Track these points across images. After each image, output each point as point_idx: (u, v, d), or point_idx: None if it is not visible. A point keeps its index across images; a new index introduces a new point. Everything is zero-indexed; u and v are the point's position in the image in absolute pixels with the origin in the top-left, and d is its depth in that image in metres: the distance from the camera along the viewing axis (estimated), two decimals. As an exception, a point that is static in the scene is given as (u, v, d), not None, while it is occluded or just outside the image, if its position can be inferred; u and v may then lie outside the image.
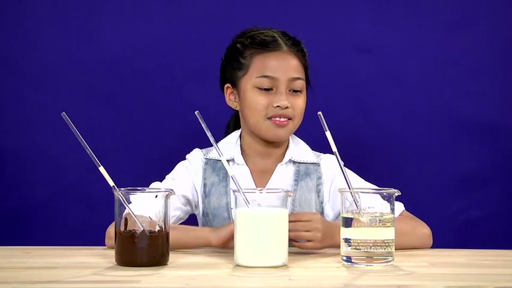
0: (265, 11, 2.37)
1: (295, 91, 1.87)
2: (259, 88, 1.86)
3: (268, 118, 1.86)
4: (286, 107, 1.85)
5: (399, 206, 1.84)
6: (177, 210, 1.88)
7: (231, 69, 1.92)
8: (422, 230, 1.81)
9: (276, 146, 1.92)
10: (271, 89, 1.86)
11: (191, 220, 1.95)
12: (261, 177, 1.91)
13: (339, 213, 1.61)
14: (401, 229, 1.71)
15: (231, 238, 1.61)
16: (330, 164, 1.92)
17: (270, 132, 1.88)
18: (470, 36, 2.38)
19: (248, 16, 2.33)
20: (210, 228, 1.73)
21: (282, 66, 1.87)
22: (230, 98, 1.94)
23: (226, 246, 1.65)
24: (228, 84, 1.94)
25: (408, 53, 2.39)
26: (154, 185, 1.89)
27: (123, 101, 2.39)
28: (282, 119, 1.85)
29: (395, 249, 1.54)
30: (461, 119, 2.38)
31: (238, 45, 1.91)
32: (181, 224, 1.91)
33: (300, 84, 1.88)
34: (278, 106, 1.84)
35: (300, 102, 1.88)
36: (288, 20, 2.33)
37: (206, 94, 2.22)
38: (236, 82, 1.91)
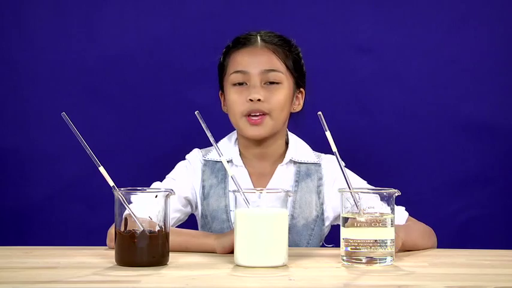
0: (265, 11, 2.37)
1: (271, 83, 1.86)
2: (234, 84, 1.86)
3: (245, 115, 1.85)
4: (258, 99, 1.83)
5: (404, 212, 1.84)
6: (177, 212, 1.88)
7: (220, 75, 1.94)
8: (435, 236, 1.84)
9: (267, 146, 1.90)
10: (245, 84, 1.86)
11: (191, 220, 1.95)
12: (260, 179, 1.90)
13: (339, 215, 1.61)
14: (422, 229, 1.81)
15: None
16: (330, 164, 1.92)
17: (247, 131, 1.86)
18: (470, 36, 2.38)
19: (248, 16, 2.34)
20: (214, 236, 1.69)
21: (254, 60, 1.86)
22: (224, 104, 1.94)
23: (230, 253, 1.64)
24: (220, 91, 1.94)
25: (408, 53, 2.39)
26: (155, 185, 1.88)
27: (123, 101, 2.39)
28: (255, 117, 1.84)
29: (415, 250, 1.70)
30: (461, 119, 2.38)
31: (224, 50, 1.93)
32: (181, 225, 1.91)
33: (277, 76, 1.86)
34: (250, 100, 1.84)
35: (277, 95, 1.85)
36: (287, 20, 2.33)
37: (206, 94, 2.22)
38: (223, 86, 1.92)
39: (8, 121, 2.38)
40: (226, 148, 1.93)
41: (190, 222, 1.94)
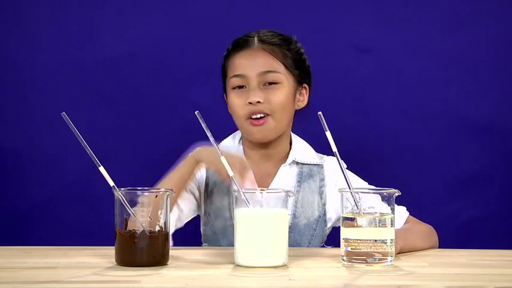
0: (266, 12, 2.37)
1: (270, 84, 1.86)
2: (234, 88, 1.87)
3: (247, 118, 1.85)
4: (258, 102, 1.83)
5: (405, 212, 1.84)
6: (186, 202, 1.87)
7: (222, 79, 1.94)
8: (436, 235, 1.84)
9: (272, 147, 1.91)
10: (245, 87, 1.86)
11: (191, 219, 1.95)
12: (263, 179, 1.90)
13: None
14: (421, 230, 1.79)
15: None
16: (332, 166, 1.92)
17: (251, 134, 1.87)
18: (470, 36, 2.38)
19: (248, 16, 2.34)
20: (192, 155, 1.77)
21: (251, 62, 1.86)
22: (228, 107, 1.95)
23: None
24: (224, 94, 1.95)
25: (408, 53, 2.38)
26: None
27: (123, 101, 2.39)
28: (257, 117, 1.84)
29: (416, 251, 1.69)
30: (461, 119, 2.38)
31: (225, 54, 1.93)
32: (182, 226, 1.91)
33: (275, 76, 1.85)
34: (250, 103, 1.84)
35: (277, 95, 1.85)
36: (288, 21, 2.33)
37: (206, 94, 2.22)
38: (225, 89, 1.92)
39: (8, 121, 2.38)
40: (230, 147, 1.93)
41: (191, 222, 1.94)
